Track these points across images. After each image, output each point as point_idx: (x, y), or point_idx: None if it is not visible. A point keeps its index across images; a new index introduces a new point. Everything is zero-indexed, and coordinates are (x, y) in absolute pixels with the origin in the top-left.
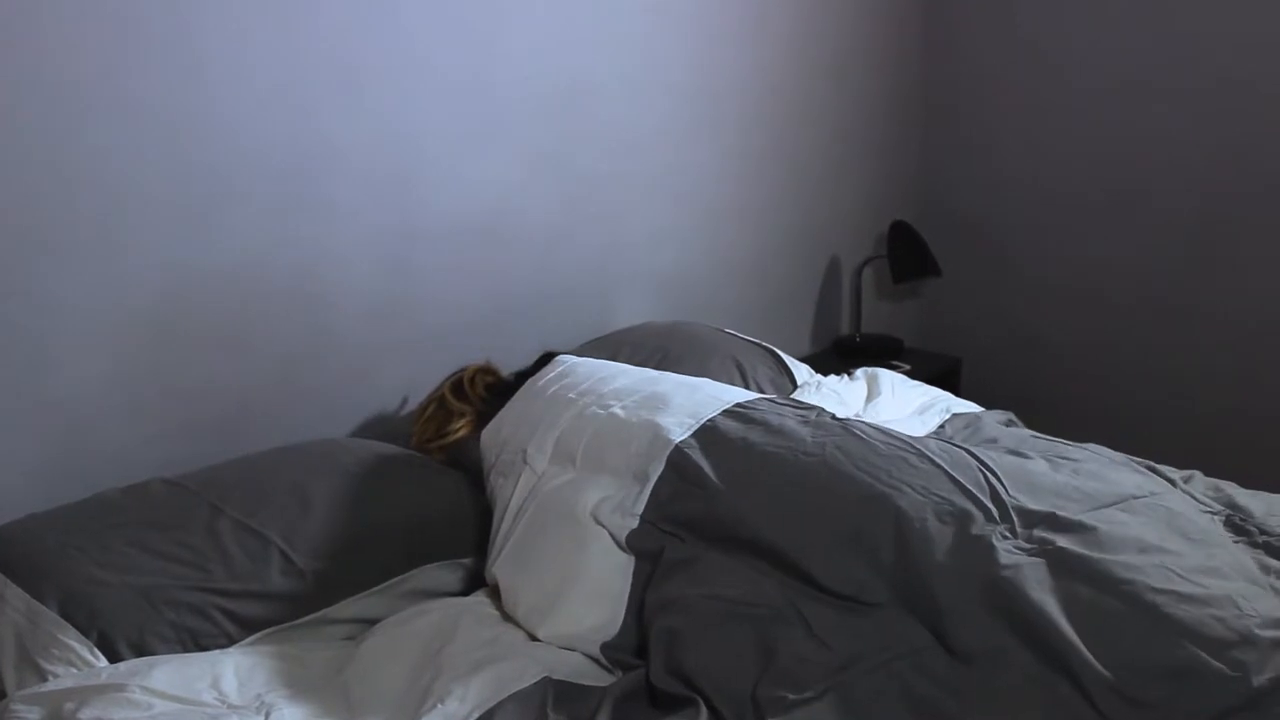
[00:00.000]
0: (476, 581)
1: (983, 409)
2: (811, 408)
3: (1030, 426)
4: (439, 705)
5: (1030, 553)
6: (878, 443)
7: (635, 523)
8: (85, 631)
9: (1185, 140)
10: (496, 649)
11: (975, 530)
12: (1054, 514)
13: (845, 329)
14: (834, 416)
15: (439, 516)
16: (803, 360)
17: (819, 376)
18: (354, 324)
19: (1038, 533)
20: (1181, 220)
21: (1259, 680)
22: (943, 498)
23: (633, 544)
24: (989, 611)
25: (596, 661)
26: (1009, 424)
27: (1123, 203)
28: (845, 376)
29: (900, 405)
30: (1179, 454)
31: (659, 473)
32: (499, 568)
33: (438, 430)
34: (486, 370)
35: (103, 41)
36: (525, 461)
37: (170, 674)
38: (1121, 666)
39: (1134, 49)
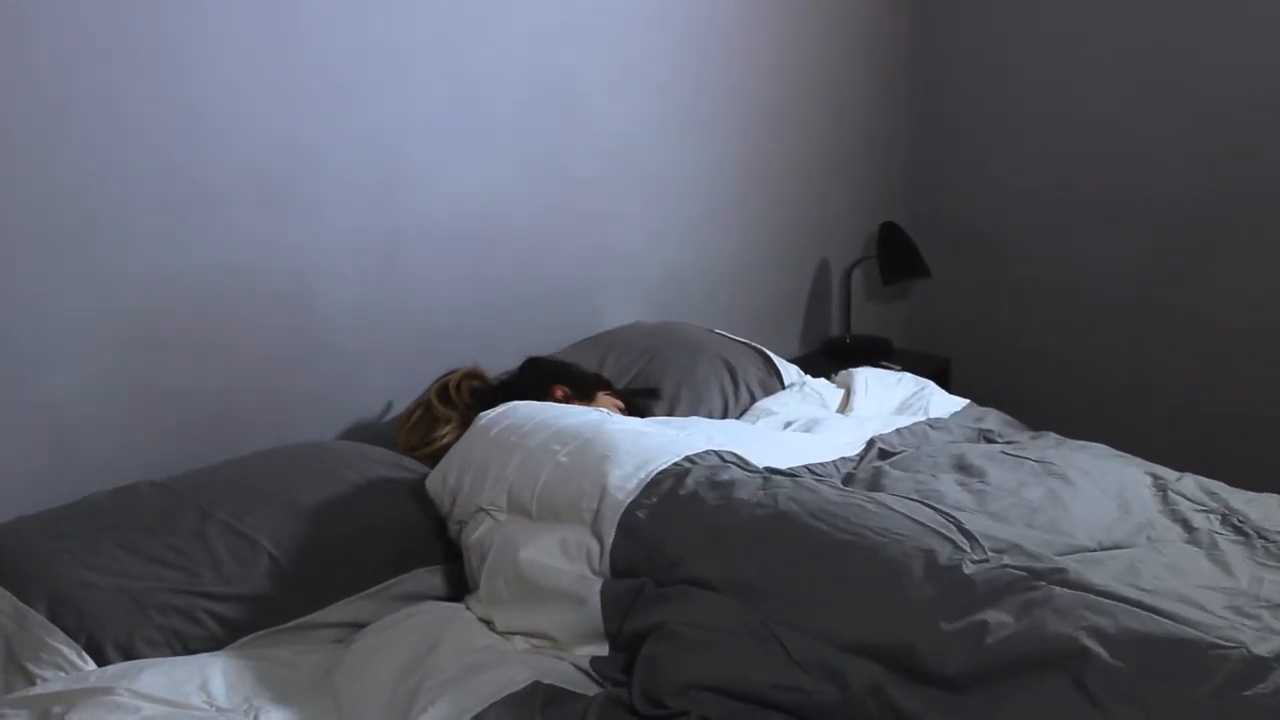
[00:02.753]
0: (465, 586)
1: (965, 401)
2: (756, 468)
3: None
4: (428, 708)
5: (1004, 575)
6: (828, 493)
7: (604, 577)
8: (73, 635)
9: (1176, 140)
10: (487, 654)
11: (944, 561)
12: (1020, 545)
13: (835, 330)
14: (781, 472)
15: (428, 520)
16: (792, 361)
17: (806, 377)
18: (341, 328)
19: (1008, 559)
20: (1172, 220)
21: (1262, 650)
22: (904, 535)
23: (608, 589)
24: (965, 639)
25: (587, 674)
26: (981, 434)
27: (1112, 203)
28: (832, 378)
29: (876, 406)
30: (1170, 455)
31: (612, 537)
32: (481, 610)
33: (423, 437)
34: (473, 375)
35: (88, 48)
36: (482, 511)
37: (158, 677)
38: (1118, 649)
39: (1125, 50)
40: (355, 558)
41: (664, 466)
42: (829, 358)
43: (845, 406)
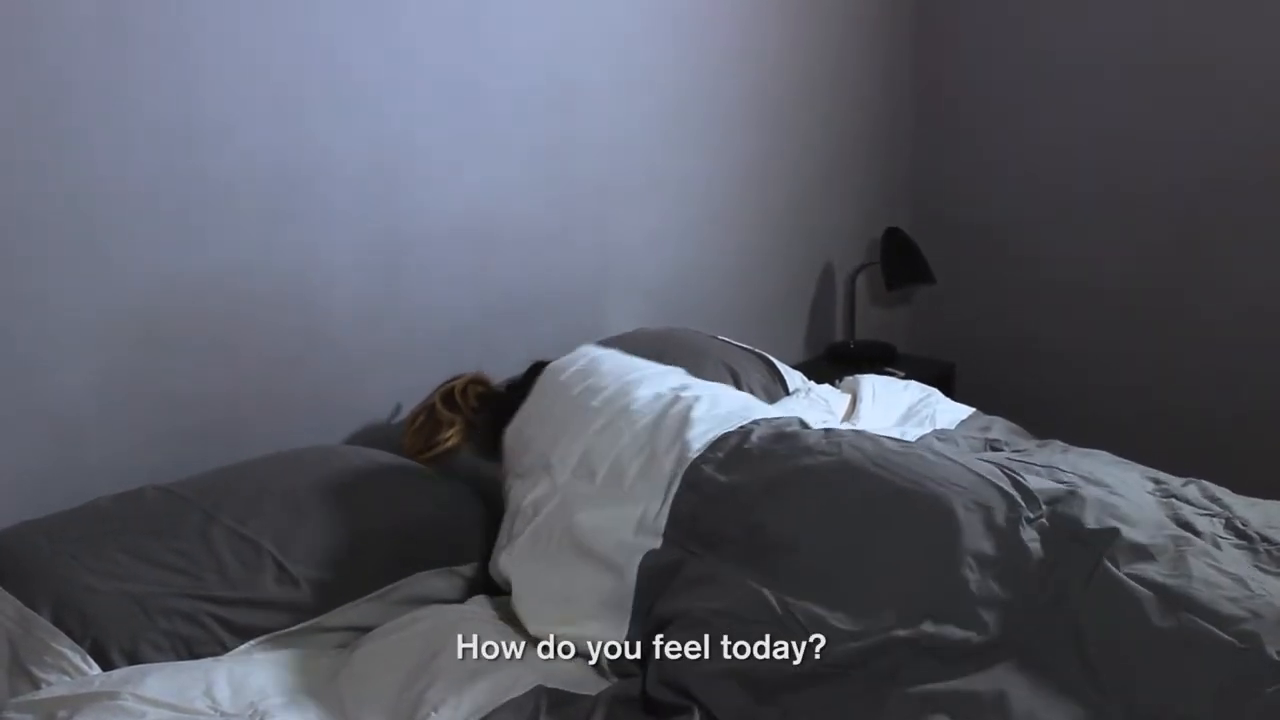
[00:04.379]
0: (470, 589)
1: (972, 409)
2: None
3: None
4: (432, 713)
5: (1051, 536)
6: (889, 443)
7: (657, 541)
8: (78, 639)
9: (1184, 144)
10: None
11: (999, 520)
12: (1075, 492)
13: (839, 335)
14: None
15: (432, 523)
16: (796, 367)
17: (810, 383)
18: (345, 330)
19: (1060, 509)
20: (1178, 225)
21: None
22: (964, 487)
23: (649, 561)
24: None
25: (596, 667)
26: (988, 444)
27: (1117, 207)
28: (836, 383)
29: (883, 413)
30: (1176, 458)
31: (676, 490)
32: (508, 564)
33: (426, 441)
34: (478, 381)
35: (94, 47)
36: (547, 468)
37: (163, 682)
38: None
39: (1130, 53)
40: (359, 561)
41: (732, 428)
42: (833, 363)
43: (851, 413)
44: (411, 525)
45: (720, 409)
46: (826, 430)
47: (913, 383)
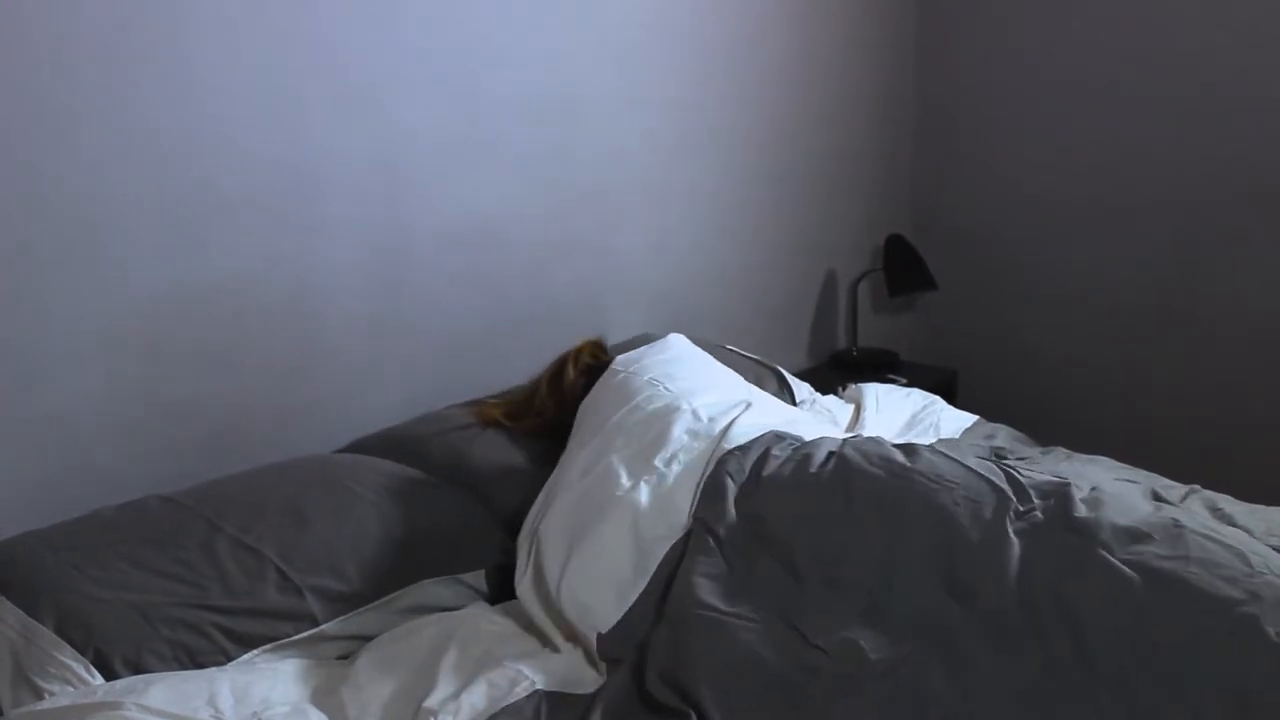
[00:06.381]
0: (473, 597)
1: (975, 417)
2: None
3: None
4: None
5: (1044, 527)
6: (888, 446)
7: (678, 532)
8: (81, 649)
9: (1181, 150)
10: (487, 663)
11: (988, 514)
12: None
13: (842, 343)
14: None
15: (435, 532)
16: (799, 374)
17: (815, 394)
18: (347, 339)
19: (1052, 502)
20: (1180, 230)
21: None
22: (956, 483)
23: (672, 552)
24: (1013, 597)
25: (588, 656)
26: (992, 451)
27: (1118, 214)
28: (840, 390)
29: (887, 421)
30: (1177, 464)
31: (709, 474)
32: (548, 525)
33: (512, 413)
34: (597, 345)
35: (94, 54)
36: (607, 441)
37: (167, 691)
38: (1131, 635)
39: (1128, 61)
40: (362, 570)
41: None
42: (836, 370)
43: (855, 423)
44: (415, 533)
45: (769, 418)
46: (843, 440)
47: (915, 390)
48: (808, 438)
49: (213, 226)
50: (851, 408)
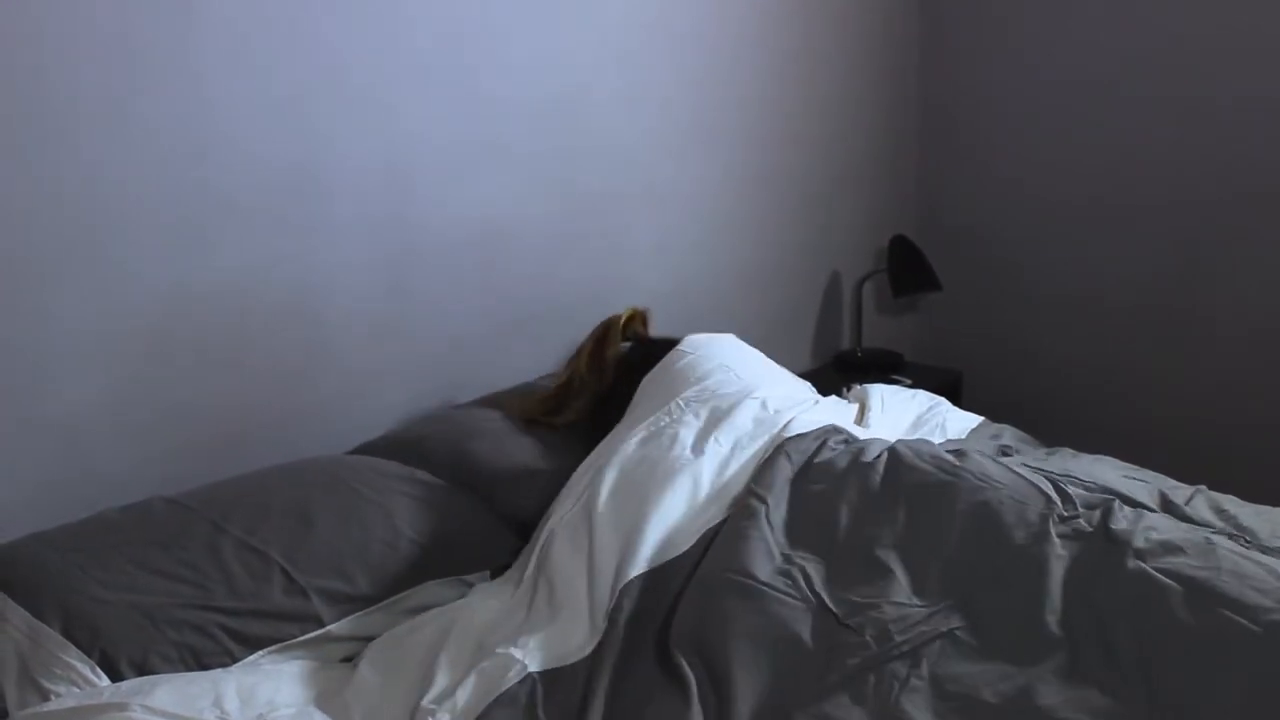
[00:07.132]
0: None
1: (980, 418)
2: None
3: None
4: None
5: (1086, 534)
6: (936, 447)
7: (728, 507)
8: (87, 650)
9: (1183, 150)
10: (480, 654)
11: (1032, 515)
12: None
13: (846, 344)
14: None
15: (440, 533)
16: (804, 375)
17: (818, 396)
18: (352, 341)
19: (1096, 512)
20: (1182, 230)
21: None
22: (1003, 484)
23: (720, 522)
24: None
25: (587, 617)
26: (999, 450)
27: (1122, 214)
28: (844, 391)
29: (892, 422)
30: (1182, 465)
31: (766, 455)
32: (603, 474)
33: (547, 408)
34: (638, 318)
35: (100, 58)
36: (675, 412)
37: (172, 693)
38: (1159, 635)
39: (1129, 61)
40: (368, 571)
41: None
42: (840, 371)
43: (860, 423)
44: (420, 535)
45: (830, 418)
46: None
47: (920, 391)
48: (863, 438)
49: (216, 227)
50: (856, 409)
